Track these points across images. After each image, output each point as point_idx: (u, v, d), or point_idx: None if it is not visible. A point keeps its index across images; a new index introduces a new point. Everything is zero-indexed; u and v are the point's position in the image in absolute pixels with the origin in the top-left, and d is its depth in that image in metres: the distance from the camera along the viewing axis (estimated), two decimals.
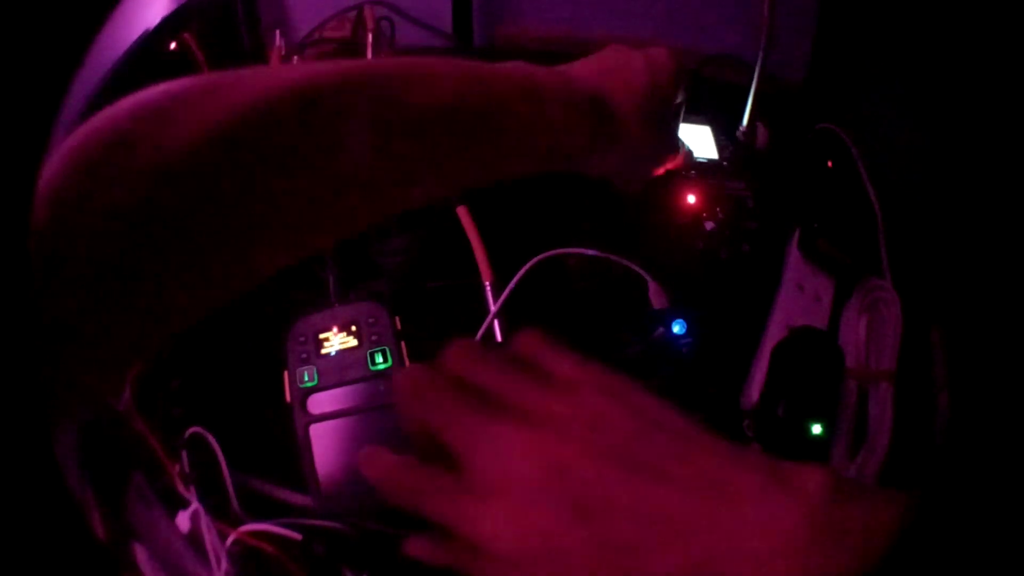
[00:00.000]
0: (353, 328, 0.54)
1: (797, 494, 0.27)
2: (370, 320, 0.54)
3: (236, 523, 0.49)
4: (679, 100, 0.50)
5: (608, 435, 0.29)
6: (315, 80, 0.32)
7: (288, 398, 0.52)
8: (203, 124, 0.28)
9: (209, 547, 0.48)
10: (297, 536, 0.48)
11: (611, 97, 0.43)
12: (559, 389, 0.31)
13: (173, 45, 0.68)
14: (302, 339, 0.54)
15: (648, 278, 0.56)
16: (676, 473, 0.28)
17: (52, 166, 0.26)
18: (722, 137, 0.67)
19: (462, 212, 0.58)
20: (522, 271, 0.56)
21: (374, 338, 0.53)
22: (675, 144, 0.50)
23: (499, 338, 0.55)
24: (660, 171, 0.51)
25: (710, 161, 0.65)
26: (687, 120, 0.67)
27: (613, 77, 0.44)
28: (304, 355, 0.53)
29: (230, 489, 0.50)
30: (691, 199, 0.61)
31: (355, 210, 0.35)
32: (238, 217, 0.30)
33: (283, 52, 0.75)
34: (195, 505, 0.49)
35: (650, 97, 0.45)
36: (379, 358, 0.52)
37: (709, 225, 0.61)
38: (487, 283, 0.56)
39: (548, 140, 0.40)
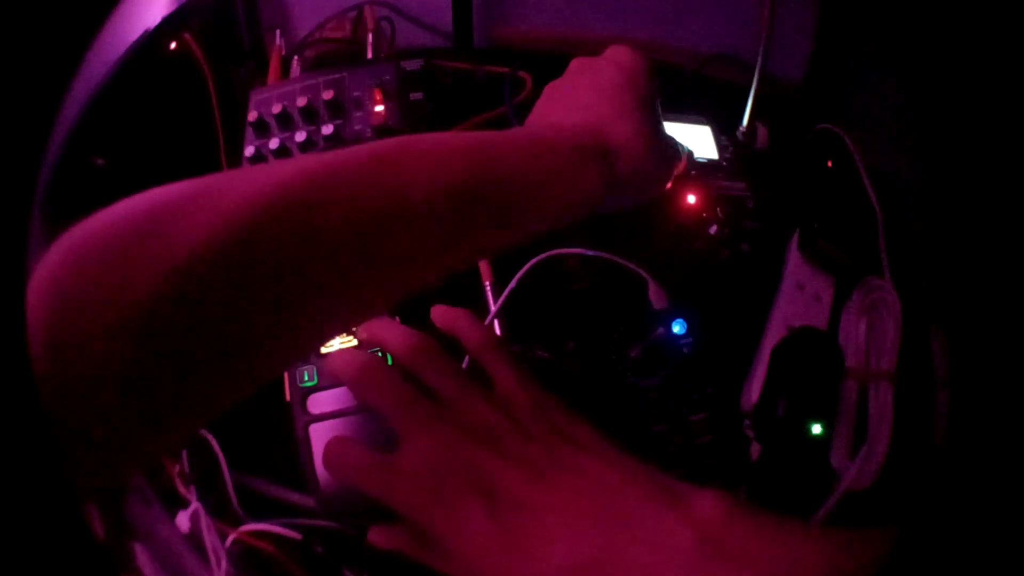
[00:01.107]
0: (353, 328, 0.54)
1: (689, 514, 0.30)
2: None
3: (236, 523, 0.49)
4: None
5: (524, 444, 0.35)
6: (307, 176, 0.30)
7: (288, 397, 0.52)
8: (200, 233, 0.26)
9: (209, 547, 0.48)
10: (297, 536, 0.48)
11: (609, 135, 0.41)
12: (494, 399, 0.38)
13: (173, 45, 0.68)
14: None
15: (648, 278, 0.56)
16: (576, 483, 0.33)
17: (42, 281, 0.24)
18: (722, 137, 0.67)
19: None
20: (522, 271, 0.56)
21: None
22: (674, 147, 0.49)
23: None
24: (670, 183, 0.49)
25: (710, 161, 0.65)
26: (687, 120, 0.67)
27: (603, 109, 0.42)
28: None
29: (230, 489, 0.50)
30: (691, 199, 0.61)
31: (374, 298, 0.34)
32: (269, 314, 0.28)
33: (283, 52, 0.74)
34: (195, 505, 0.49)
35: (643, 115, 0.43)
36: None
37: (709, 225, 0.60)
38: (487, 283, 0.56)
39: (564, 196, 0.38)
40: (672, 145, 0.48)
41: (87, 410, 0.24)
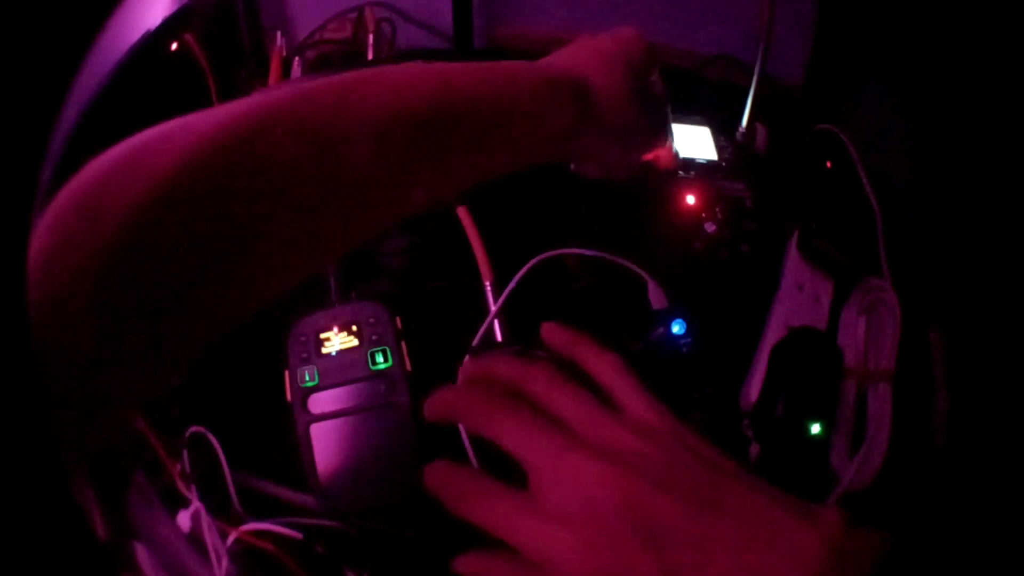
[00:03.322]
0: (354, 328, 0.54)
1: (819, 527, 0.30)
2: (370, 320, 0.54)
3: (237, 522, 0.49)
4: (659, 87, 0.49)
5: (680, 475, 0.32)
6: (275, 101, 0.31)
7: (289, 397, 0.52)
8: (171, 165, 0.28)
9: (210, 546, 0.48)
10: (298, 535, 0.48)
11: (590, 77, 0.43)
12: (632, 426, 0.34)
13: (174, 46, 0.68)
14: (303, 339, 0.54)
15: (648, 278, 0.56)
16: (731, 508, 0.31)
17: (40, 226, 0.26)
18: (721, 138, 0.67)
19: (462, 212, 0.58)
20: (522, 271, 0.56)
21: (374, 338, 0.53)
22: (663, 127, 0.49)
23: (499, 338, 0.55)
24: (649, 156, 0.50)
25: (709, 162, 0.65)
26: (686, 121, 0.67)
27: (589, 60, 0.44)
28: (305, 355, 0.53)
29: (231, 488, 0.50)
30: (690, 200, 0.61)
31: (334, 229, 0.33)
32: (229, 246, 0.29)
33: (284, 53, 0.75)
34: (196, 504, 0.49)
35: (627, 72, 0.45)
36: (379, 358, 0.53)
37: (709, 226, 0.61)
38: (487, 283, 0.56)
39: (532, 126, 0.39)
40: (661, 121, 0.49)
41: (70, 340, 0.25)
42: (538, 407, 0.35)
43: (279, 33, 0.76)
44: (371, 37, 0.76)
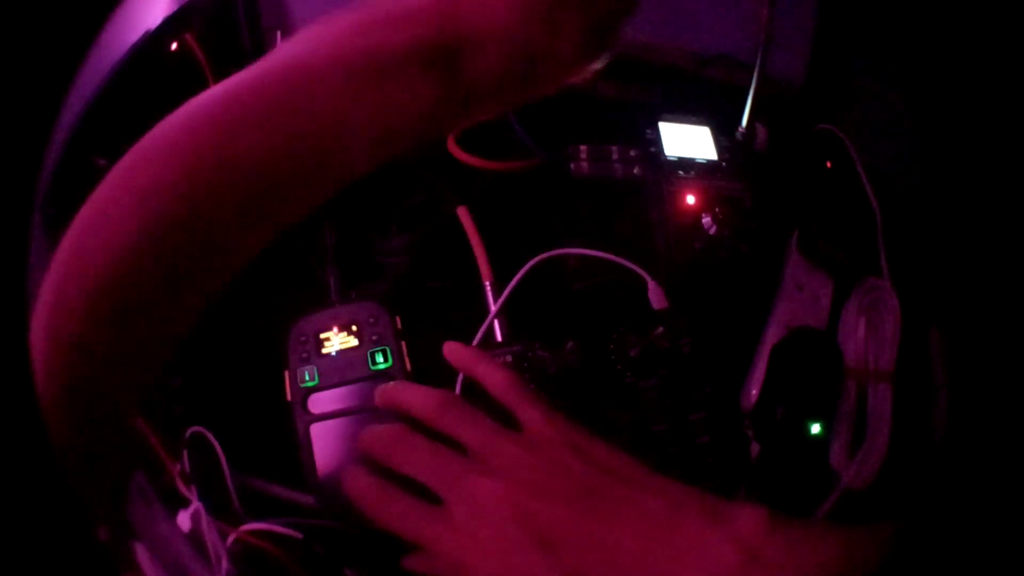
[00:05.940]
0: (353, 328, 0.54)
1: (732, 531, 0.31)
2: (370, 320, 0.54)
3: (237, 522, 0.49)
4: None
5: (568, 482, 0.35)
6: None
7: (289, 397, 0.52)
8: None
9: (210, 546, 0.48)
10: (298, 535, 0.48)
11: (462, 10, 0.30)
12: (526, 441, 0.37)
13: (174, 46, 0.68)
14: (303, 339, 0.54)
15: (648, 278, 0.56)
16: (624, 513, 0.33)
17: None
18: (721, 138, 0.67)
19: (462, 212, 0.58)
20: (522, 271, 0.56)
21: (374, 338, 0.53)
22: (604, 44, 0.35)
23: (499, 338, 0.55)
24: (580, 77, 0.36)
25: (709, 162, 0.65)
26: (686, 121, 0.67)
27: None
28: (305, 355, 0.53)
29: (231, 488, 0.50)
30: (690, 200, 0.61)
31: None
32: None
33: None
34: (196, 504, 0.49)
35: None
36: (379, 358, 0.53)
37: (708, 225, 0.61)
38: (487, 283, 0.56)
39: (371, 131, 0.31)
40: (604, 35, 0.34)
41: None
42: (441, 433, 0.39)
43: (279, 33, 0.76)
44: None
